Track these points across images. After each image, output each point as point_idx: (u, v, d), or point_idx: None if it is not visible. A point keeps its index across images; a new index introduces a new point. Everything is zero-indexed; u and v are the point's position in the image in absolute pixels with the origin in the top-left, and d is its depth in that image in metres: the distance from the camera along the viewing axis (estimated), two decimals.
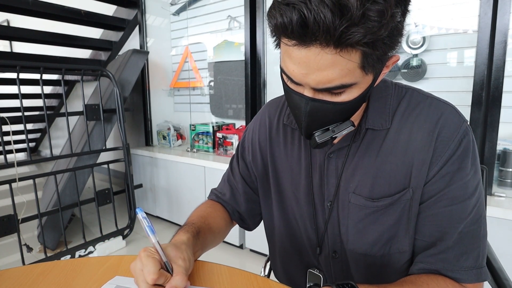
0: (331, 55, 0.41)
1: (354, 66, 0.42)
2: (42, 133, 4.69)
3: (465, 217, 0.52)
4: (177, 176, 2.33)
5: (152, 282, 0.45)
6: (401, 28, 0.43)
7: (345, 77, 0.43)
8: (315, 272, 0.67)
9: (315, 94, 0.47)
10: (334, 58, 0.41)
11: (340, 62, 0.42)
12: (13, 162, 1.66)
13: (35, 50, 3.17)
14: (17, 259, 1.94)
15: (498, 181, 1.38)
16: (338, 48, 0.40)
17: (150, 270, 0.45)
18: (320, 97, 0.47)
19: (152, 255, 0.47)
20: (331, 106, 0.48)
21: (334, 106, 0.48)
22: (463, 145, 0.52)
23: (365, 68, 0.43)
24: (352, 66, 0.42)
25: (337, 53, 0.41)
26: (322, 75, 0.43)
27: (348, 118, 0.52)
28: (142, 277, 0.46)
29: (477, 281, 0.52)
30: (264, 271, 0.86)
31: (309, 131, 0.52)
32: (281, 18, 0.40)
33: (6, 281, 0.54)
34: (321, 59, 0.41)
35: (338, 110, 0.49)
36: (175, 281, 0.46)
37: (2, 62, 1.70)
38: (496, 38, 1.26)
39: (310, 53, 0.42)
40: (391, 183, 0.56)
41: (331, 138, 0.51)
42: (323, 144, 0.52)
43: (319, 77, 0.44)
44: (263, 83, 2.04)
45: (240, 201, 0.75)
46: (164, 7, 2.63)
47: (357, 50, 0.41)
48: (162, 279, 0.46)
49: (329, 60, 0.41)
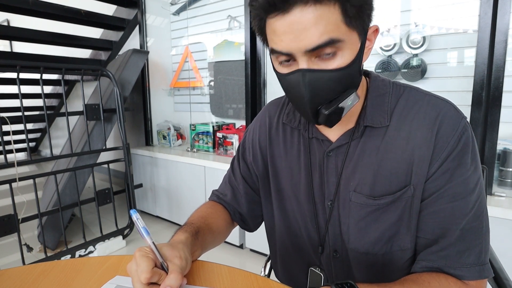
0: (312, 10, 0.44)
1: (337, 20, 0.45)
2: (42, 133, 4.69)
3: (466, 213, 0.52)
4: (177, 176, 2.33)
5: (145, 281, 0.45)
6: None
7: (332, 31, 0.46)
8: (317, 271, 0.67)
9: (309, 64, 0.48)
10: (316, 14, 0.44)
11: (322, 17, 0.45)
12: (13, 162, 1.66)
13: (35, 50, 3.18)
14: (17, 259, 1.94)
15: (498, 181, 1.38)
16: (317, 2, 0.44)
17: (143, 269, 0.45)
18: (315, 67, 0.48)
19: (146, 255, 0.47)
20: (328, 74, 0.49)
21: (331, 74, 0.49)
22: (463, 141, 0.52)
23: (347, 22, 0.46)
24: (335, 19, 0.45)
25: (317, 8, 0.44)
26: (310, 33, 0.45)
27: (348, 88, 0.52)
28: (137, 277, 0.46)
29: (479, 278, 0.52)
30: (264, 271, 0.86)
31: (313, 106, 0.51)
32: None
33: (6, 281, 0.54)
34: (304, 18, 0.45)
35: (337, 78, 0.49)
36: (169, 280, 0.45)
37: (2, 62, 1.70)
38: (496, 38, 1.25)
39: (292, 17, 0.45)
40: (392, 180, 0.56)
41: (337, 107, 0.51)
42: (332, 116, 0.52)
43: (307, 36, 0.46)
44: (263, 83, 2.04)
45: (241, 202, 0.75)
46: (164, 7, 2.63)
47: (335, 2, 0.45)
48: (156, 278, 0.46)
49: (312, 17, 0.45)
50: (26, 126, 1.76)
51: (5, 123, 1.70)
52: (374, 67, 1.67)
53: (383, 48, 1.63)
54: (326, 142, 0.62)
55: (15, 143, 2.54)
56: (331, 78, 0.49)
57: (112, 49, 3.05)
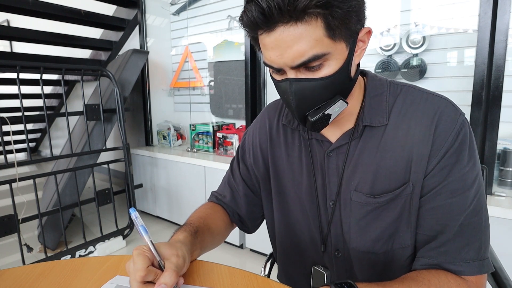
0: (294, 29, 0.45)
1: (320, 35, 0.46)
2: (42, 133, 4.69)
3: (465, 209, 0.52)
4: (177, 176, 2.33)
5: (140, 280, 0.45)
6: None
7: (315, 47, 0.47)
8: (320, 270, 0.67)
9: (297, 74, 0.50)
10: (298, 31, 0.45)
11: (305, 34, 0.46)
12: (13, 162, 1.66)
13: (35, 50, 3.18)
14: (17, 259, 1.94)
15: (498, 181, 1.38)
16: (298, 20, 0.45)
17: (138, 268, 0.45)
18: (302, 76, 0.50)
19: (143, 253, 0.47)
20: (314, 83, 0.50)
21: (317, 83, 0.50)
22: (460, 137, 0.53)
23: (331, 35, 0.47)
24: (318, 35, 0.46)
25: (299, 26, 0.45)
26: (294, 51, 0.47)
27: (336, 94, 0.53)
28: (133, 275, 0.46)
29: (479, 273, 0.52)
30: (264, 271, 0.85)
31: (300, 112, 0.53)
32: (245, 16, 0.48)
33: (6, 281, 0.54)
34: (287, 36, 0.46)
35: (323, 86, 0.50)
36: (163, 278, 0.45)
37: (2, 62, 1.70)
38: (496, 38, 1.25)
39: (277, 34, 0.47)
40: (391, 178, 0.56)
41: (323, 114, 0.52)
42: (318, 123, 0.53)
43: (291, 53, 0.47)
44: (263, 83, 2.04)
45: (240, 204, 0.75)
46: (164, 7, 2.63)
47: (317, 18, 0.45)
48: (151, 276, 0.46)
49: (294, 35, 0.46)
50: (26, 126, 1.76)
51: (5, 123, 1.70)
52: (374, 67, 1.67)
53: (383, 48, 1.63)
54: (326, 142, 0.62)
55: (15, 143, 2.54)
56: (317, 86, 0.50)
57: (112, 49, 3.05)
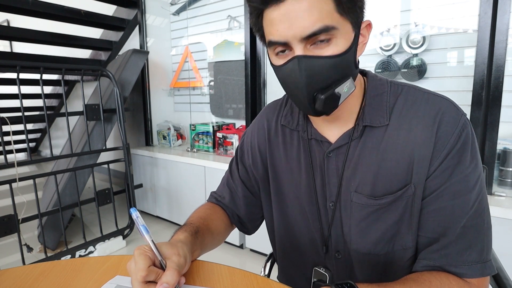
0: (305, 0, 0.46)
1: (330, 8, 0.47)
2: (42, 133, 4.69)
3: (467, 211, 0.52)
4: (177, 176, 2.33)
5: (141, 279, 0.44)
6: None
7: (325, 19, 0.47)
8: (321, 271, 0.67)
9: (305, 51, 0.49)
10: (309, 2, 0.46)
11: (315, 5, 0.47)
12: (13, 162, 1.66)
13: (35, 50, 3.18)
14: (17, 259, 1.94)
15: (498, 181, 1.38)
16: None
17: (140, 267, 0.45)
18: (310, 53, 0.49)
19: (144, 253, 0.47)
20: (323, 61, 0.50)
21: (326, 61, 0.50)
22: (462, 138, 0.52)
23: (340, 10, 0.48)
24: (328, 8, 0.47)
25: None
26: (304, 21, 0.47)
27: (344, 76, 0.52)
28: (135, 275, 0.45)
29: (481, 276, 0.51)
30: (264, 271, 0.85)
31: (310, 91, 0.51)
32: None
33: (6, 281, 0.54)
34: (298, 7, 0.47)
35: (332, 65, 0.50)
36: (165, 277, 0.45)
37: (2, 62, 1.70)
38: (496, 38, 1.25)
39: (287, 5, 0.47)
40: (393, 180, 0.56)
41: (333, 93, 0.51)
42: (328, 101, 0.51)
43: (302, 23, 0.47)
44: (263, 83, 2.04)
45: (239, 205, 0.75)
46: (164, 7, 2.63)
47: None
48: (153, 276, 0.46)
49: (305, 5, 0.46)
50: (26, 126, 1.76)
51: (5, 123, 1.70)
52: (374, 67, 1.67)
53: (383, 48, 1.63)
54: (326, 143, 0.62)
55: (15, 143, 2.54)
56: (326, 64, 0.50)
57: (112, 49, 3.05)
